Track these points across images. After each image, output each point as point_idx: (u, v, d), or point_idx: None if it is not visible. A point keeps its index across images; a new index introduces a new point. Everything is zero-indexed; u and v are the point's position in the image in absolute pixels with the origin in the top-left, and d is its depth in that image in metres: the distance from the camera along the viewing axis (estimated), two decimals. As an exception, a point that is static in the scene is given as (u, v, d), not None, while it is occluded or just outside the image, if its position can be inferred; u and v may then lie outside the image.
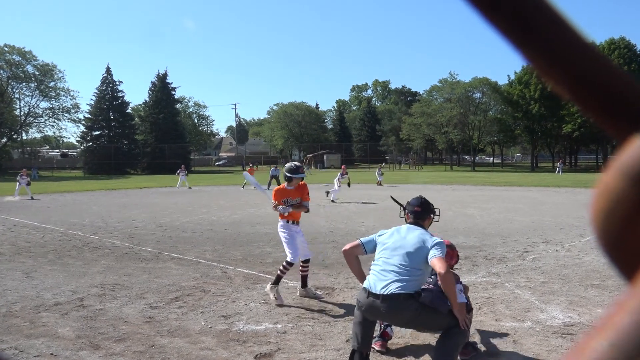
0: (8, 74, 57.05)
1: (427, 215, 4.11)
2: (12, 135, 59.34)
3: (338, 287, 6.46)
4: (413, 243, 3.76)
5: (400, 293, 3.55)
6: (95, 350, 4.36)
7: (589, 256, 8.18)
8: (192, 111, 80.00)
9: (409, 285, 3.59)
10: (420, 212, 4.07)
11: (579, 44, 0.28)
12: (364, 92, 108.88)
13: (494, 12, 0.27)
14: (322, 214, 14.86)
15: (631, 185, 0.26)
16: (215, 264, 7.89)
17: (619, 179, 0.26)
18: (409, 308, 3.56)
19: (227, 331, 4.85)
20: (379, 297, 3.57)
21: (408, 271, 3.64)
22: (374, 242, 4.04)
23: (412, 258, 3.69)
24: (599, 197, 0.27)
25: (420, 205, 4.10)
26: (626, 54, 53.40)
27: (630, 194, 0.26)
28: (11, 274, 7.31)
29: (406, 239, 3.82)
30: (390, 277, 3.62)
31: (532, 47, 0.28)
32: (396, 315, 3.62)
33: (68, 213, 15.87)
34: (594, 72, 0.28)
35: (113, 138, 59.67)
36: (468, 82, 62.52)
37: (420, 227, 3.98)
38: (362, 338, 3.72)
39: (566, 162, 62.27)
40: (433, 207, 4.22)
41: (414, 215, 4.06)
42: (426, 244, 3.73)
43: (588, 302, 5.67)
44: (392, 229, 4.02)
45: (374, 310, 3.61)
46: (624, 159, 0.26)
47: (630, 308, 0.24)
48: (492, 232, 10.95)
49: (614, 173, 0.26)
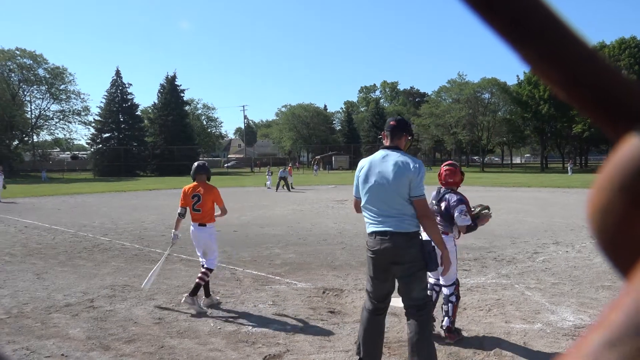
0: (19, 77, 57.75)
1: (403, 133, 3.73)
2: (23, 137, 59.96)
3: (347, 288, 6.45)
4: (391, 177, 3.48)
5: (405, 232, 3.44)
6: (106, 351, 4.39)
7: (599, 257, 8.10)
8: (200, 113, 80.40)
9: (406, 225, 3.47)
10: (395, 126, 3.71)
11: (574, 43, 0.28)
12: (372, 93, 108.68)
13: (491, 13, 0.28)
14: (330, 216, 14.86)
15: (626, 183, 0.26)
16: (224, 265, 7.91)
17: (615, 177, 0.26)
18: (415, 245, 3.47)
19: (236, 332, 4.87)
20: (386, 234, 3.45)
21: (398, 210, 3.47)
22: (356, 181, 3.75)
23: (394, 195, 3.47)
24: (595, 195, 0.27)
25: (395, 120, 3.79)
26: (637, 53, 52.95)
27: (625, 191, 0.26)
28: (22, 275, 7.38)
29: (385, 170, 3.52)
30: (386, 220, 3.48)
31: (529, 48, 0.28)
32: (402, 250, 3.45)
33: (78, 215, 15.99)
34: (589, 72, 0.28)
35: (123, 140, 60.09)
36: (477, 82, 62.29)
37: (395, 150, 3.64)
38: (369, 348, 3.63)
39: (576, 163, 61.77)
40: (410, 128, 3.88)
41: (389, 130, 3.70)
42: (405, 176, 3.46)
43: (599, 304, 5.62)
44: (367, 160, 3.70)
45: (385, 249, 3.45)
46: (619, 157, 0.26)
47: (626, 306, 0.25)
48: (501, 233, 10.89)
49: (609, 172, 0.27)
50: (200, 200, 5.78)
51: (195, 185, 5.92)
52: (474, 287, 6.38)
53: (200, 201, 5.79)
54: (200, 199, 5.78)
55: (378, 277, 3.59)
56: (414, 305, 3.54)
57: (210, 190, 5.88)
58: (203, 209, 5.78)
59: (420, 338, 3.51)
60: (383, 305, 3.68)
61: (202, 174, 5.99)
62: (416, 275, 3.51)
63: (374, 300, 3.66)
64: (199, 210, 5.79)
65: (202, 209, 5.79)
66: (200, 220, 5.82)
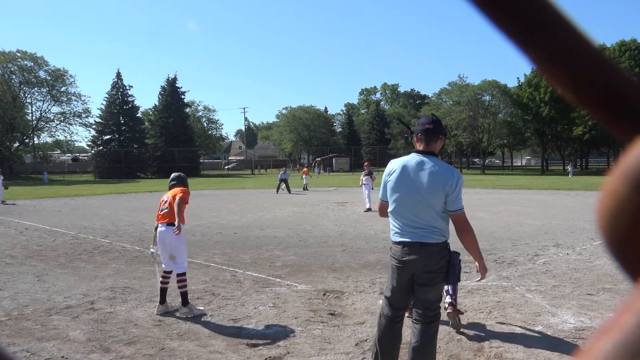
0: (20, 79, 57.81)
1: (439, 136, 3.47)
2: (24, 139, 59.96)
3: (347, 290, 6.44)
4: (425, 189, 3.29)
5: (435, 243, 3.34)
6: (106, 353, 4.39)
7: (600, 260, 8.10)
8: (201, 115, 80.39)
9: (436, 236, 3.36)
10: (432, 129, 3.41)
11: (583, 45, 0.28)
12: (372, 95, 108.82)
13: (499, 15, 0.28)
14: (331, 218, 14.86)
15: (636, 186, 0.26)
16: (224, 267, 7.90)
17: (624, 181, 0.26)
18: (444, 257, 3.37)
19: (237, 334, 4.86)
20: (416, 245, 3.33)
21: (427, 222, 3.35)
22: (384, 187, 3.55)
23: (427, 208, 3.31)
24: (604, 199, 0.27)
25: (432, 122, 3.45)
26: (637, 55, 52.93)
27: (635, 195, 0.26)
28: (23, 277, 7.38)
29: (418, 180, 3.32)
30: (414, 231, 3.35)
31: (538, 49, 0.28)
32: (430, 260, 3.34)
33: (79, 217, 15.99)
34: (598, 73, 0.28)
35: (123, 142, 60.10)
36: (477, 85, 62.25)
37: (431, 156, 3.40)
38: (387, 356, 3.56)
39: (577, 165, 61.76)
40: (445, 128, 3.59)
41: (425, 134, 3.41)
42: (441, 189, 3.29)
43: (600, 306, 5.61)
44: (398, 164, 3.44)
45: (414, 260, 3.34)
46: (629, 160, 0.26)
47: (635, 310, 0.24)
48: (502, 235, 10.88)
49: (619, 174, 0.26)
50: (166, 202, 5.64)
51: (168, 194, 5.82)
52: (475, 289, 6.37)
53: (167, 202, 5.63)
54: (167, 201, 5.66)
55: (402, 286, 3.48)
56: (427, 315, 3.45)
57: (179, 191, 5.66)
58: (171, 207, 5.57)
59: (426, 348, 3.43)
60: (402, 312, 3.61)
61: (179, 182, 5.86)
62: (437, 285, 3.45)
63: (393, 308, 3.56)
64: (167, 209, 5.60)
65: (169, 208, 5.57)
66: (166, 220, 5.56)
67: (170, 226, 5.52)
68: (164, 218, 5.59)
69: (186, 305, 5.46)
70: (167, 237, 5.55)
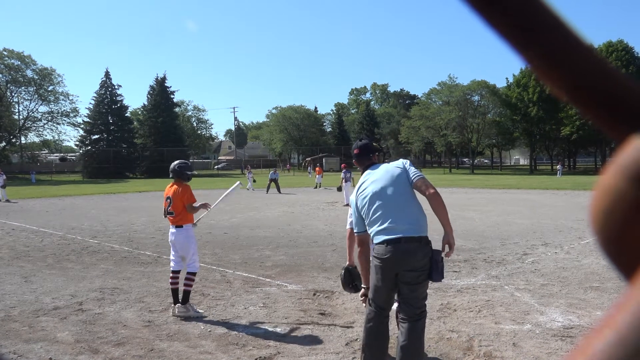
0: (7, 78, 57.10)
1: (369, 155, 3.86)
2: (10, 139, 59.29)
3: (338, 290, 6.44)
4: (391, 179, 3.55)
5: (418, 237, 3.44)
6: (95, 354, 4.35)
7: (588, 258, 8.18)
8: (191, 115, 79.95)
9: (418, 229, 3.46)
10: (359, 154, 3.85)
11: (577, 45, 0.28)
12: (362, 95, 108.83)
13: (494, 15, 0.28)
14: (321, 218, 14.86)
15: (630, 185, 0.26)
16: (214, 267, 7.88)
17: (618, 180, 0.26)
18: (427, 253, 3.44)
19: (227, 335, 4.84)
20: (400, 241, 3.41)
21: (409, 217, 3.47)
22: (355, 209, 3.72)
23: (404, 200, 3.51)
24: (598, 198, 0.27)
25: (358, 148, 3.88)
26: (624, 56, 53.52)
27: (629, 194, 0.26)
28: (10, 278, 7.30)
29: (381, 180, 3.58)
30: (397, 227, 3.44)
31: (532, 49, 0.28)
32: (414, 257, 3.42)
33: (67, 217, 15.85)
34: (592, 73, 0.28)
35: (112, 142, 59.59)
36: (467, 85, 62.61)
37: (375, 165, 3.78)
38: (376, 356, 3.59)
39: (565, 165, 62.33)
40: (374, 146, 3.99)
41: (357, 158, 3.86)
42: (397, 173, 3.57)
43: (587, 305, 5.66)
44: (360, 185, 3.73)
45: (397, 257, 3.41)
46: (622, 160, 0.26)
47: (630, 308, 0.24)
48: (491, 234, 10.95)
49: (613, 173, 0.27)
50: (171, 203, 5.66)
51: (170, 186, 5.81)
52: (464, 288, 6.40)
53: (172, 204, 5.66)
54: (171, 202, 5.66)
55: (387, 285, 3.53)
56: (414, 313, 3.48)
57: (180, 192, 5.68)
58: (175, 211, 5.65)
59: (414, 346, 3.46)
60: (387, 312, 3.66)
61: (175, 176, 5.81)
62: (423, 284, 3.50)
63: (379, 308, 3.61)
64: (172, 213, 5.67)
65: (174, 212, 5.65)
66: (175, 222, 5.69)
67: (179, 228, 5.65)
68: (172, 222, 5.71)
69: (185, 304, 5.46)
70: (177, 238, 5.67)
